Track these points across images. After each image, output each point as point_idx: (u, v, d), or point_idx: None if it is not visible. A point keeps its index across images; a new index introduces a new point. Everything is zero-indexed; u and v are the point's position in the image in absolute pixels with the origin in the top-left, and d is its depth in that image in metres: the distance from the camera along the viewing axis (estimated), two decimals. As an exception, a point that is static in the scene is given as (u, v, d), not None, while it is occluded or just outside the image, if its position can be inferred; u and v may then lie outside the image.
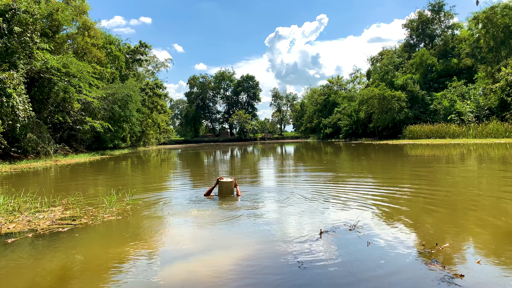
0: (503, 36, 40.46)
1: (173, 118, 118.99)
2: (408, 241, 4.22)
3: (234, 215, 5.82)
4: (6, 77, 17.13)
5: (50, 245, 4.46)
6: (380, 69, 57.50)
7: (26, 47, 20.64)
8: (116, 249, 4.30)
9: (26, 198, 7.08)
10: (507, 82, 35.33)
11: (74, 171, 16.41)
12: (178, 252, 4.11)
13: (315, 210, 5.98)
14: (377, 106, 48.95)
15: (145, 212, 6.22)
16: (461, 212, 5.68)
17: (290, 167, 16.18)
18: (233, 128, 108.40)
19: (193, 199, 7.40)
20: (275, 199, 7.14)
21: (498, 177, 9.73)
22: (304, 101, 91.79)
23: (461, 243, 4.11)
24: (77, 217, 5.85)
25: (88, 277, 3.49)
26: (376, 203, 6.41)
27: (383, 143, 37.54)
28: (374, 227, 4.78)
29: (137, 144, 52.33)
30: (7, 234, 4.96)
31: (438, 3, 58.36)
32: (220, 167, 17.51)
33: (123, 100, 35.77)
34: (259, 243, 4.30)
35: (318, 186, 8.63)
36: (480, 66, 44.68)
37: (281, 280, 3.20)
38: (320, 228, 4.68)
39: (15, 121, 18.32)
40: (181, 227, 5.37)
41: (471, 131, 35.71)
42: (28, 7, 19.87)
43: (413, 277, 3.14)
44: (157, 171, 16.39)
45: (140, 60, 59.53)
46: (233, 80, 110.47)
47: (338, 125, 65.15)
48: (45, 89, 24.28)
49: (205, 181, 11.00)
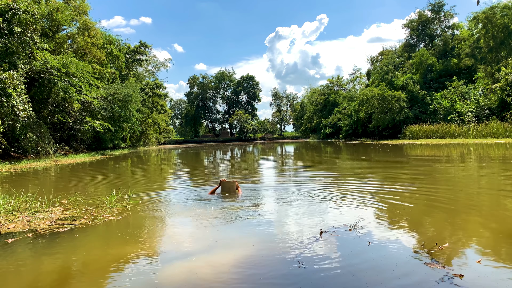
0: (503, 36, 40.47)
1: (173, 118, 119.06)
2: (408, 241, 4.22)
3: (235, 215, 5.82)
4: (6, 77, 17.13)
5: (50, 245, 4.46)
6: (380, 69, 57.53)
7: (26, 47, 20.64)
8: (116, 249, 4.30)
9: (26, 198, 7.07)
10: (507, 82, 35.34)
11: (74, 171, 16.41)
12: (179, 252, 4.12)
13: (315, 209, 5.98)
14: (377, 106, 48.97)
15: (145, 212, 6.23)
16: (461, 212, 5.68)
17: (290, 166, 16.18)
18: (233, 128, 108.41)
19: (193, 199, 7.40)
20: (275, 199, 7.14)
21: (498, 177, 9.74)
22: (304, 101, 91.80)
23: (461, 243, 4.11)
24: (77, 217, 5.85)
25: (88, 277, 3.49)
26: (376, 202, 6.41)
27: (383, 143, 37.55)
28: (374, 227, 4.78)
29: (137, 144, 52.34)
30: (7, 234, 4.96)
31: (438, 3, 58.37)
32: (220, 167, 17.51)
33: (123, 100, 35.78)
34: (260, 243, 4.30)
35: (318, 185, 8.63)
36: (480, 66, 44.69)
37: (282, 279, 3.20)
38: (320, 228, 4.68)
39: (15, 121, 18.32)
40: (181, 227, 5.38)
41: (471, 131, 35.72)
42: (28, 7, 19.87)
43: (413, 277, 3.14)
44: (157, 171, 16.39)
45: (140, 60, 59.55)
46: (233, 80, 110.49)
47: (338, 125, 65.17)
48: (45, 89, 24.28)
49: (205, 181, 11.00)
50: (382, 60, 65.44)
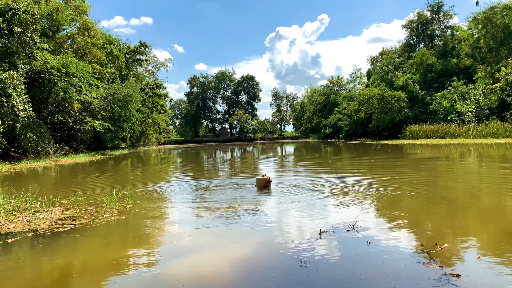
0: (503, 36, 40.47)
1: (173, 118, 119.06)
2: (408, 241, 4.24)
3: (235, 214, 5.84)
4: (6, 77, 17.14)
5: (50, 245, 4.47)
6: (380, 69, 57.52)
7: (26, 47, 20.65)
8: (117, 248, 4.31)
9: (26, 198, 7.09)
10: (507, 82, 35.34)
11: (74, 171, 16.42)
12: (179, 252, 4.13)
13: (315, 209, 5.99)
14: (377, 106, 48.98)
15: (145, 212, 6.24)
16: (460, 212, 5.69)
17: (290, 166, 16.19)
18: (233, 128, 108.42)
19: (193, 199, 7.41)
20: (275, 199, 7.15)
21: (498, 177, 9.74)
22: (304, 101, 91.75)
23: (460, 243, 4.12)
24: (77, 217, 5.86)
25: (89, 277, 3.50)
26: (376, 202, 6.42)
27: (383, 143, 37.55)
28: (373, 227, 4.79)
29: (137, 144, 52.36)
30: (7, 234, 4.98)
31: (437, 4, 58.34)
32: (220, 167, 17.52)
33: (123, 100, 35.80)
34: (260, 243, 4.31)
35: (318, 185, 8.64)
36: (480, 66, 44.65)
37: (283, 279, 3.22)
38: (319, 228, 4.70)
39: (15, 121, 18.33)
40: (182, 226, 5.39)
41: (471, 131, 35.72)
42: (28, 7, 19.88)
43: (412, 277, 3.15)
44: (157, 171, 16.41)
45: (140, 60, 59.57)
46: (233, 80, 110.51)
47: (338, 125, 65.16)
48: (45, 89, 24.28)
49: (205, 181, 11.01)
50: (382, 60, 65.38)
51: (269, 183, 8.45)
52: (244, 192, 8.09)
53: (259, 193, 7.87)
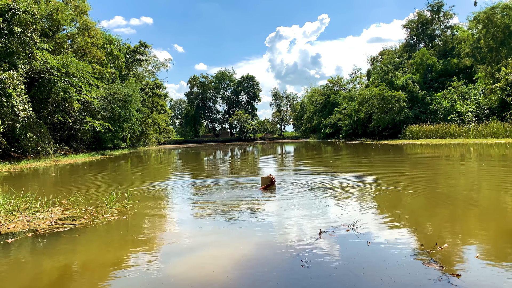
0: (503, 36, 40.47)
1: (173, 118, 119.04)
2: (408, 241, 4.23)
3: (236, 214, 5.83)
4: (6, 77, 17.14)
5: (50, 245, 4.47)
6: (380, 69, 57.51)
7: (26, 47, 20.65)
8: (117, 248, 4.31)
9: (26, 198, 7.08)
10: (507, 82, 35.34)
11: (74, 171, 16.42)
12: (179, 252, 4.13)
13: (315, 209, 5.99)
14: (377, 106, 48.98)
15: (145, 212, 6.24)
16: (460, 212, 5.69)
17: (290, 166, 16.19)
18: (233, 128, 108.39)
19: (193, 198, 7.41)
20: (275, 198, 7.15)
21: (498, 177, 9.74)
22: (304, 101, 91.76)
23: (460, 243, 4.12)
24: (77, 217, 5.86)
25: (89, 277, 3.50)
26: (376, 202, 6.42)
27: (383, 143, 37.55)
28: (373, 227, 4.79)
29: (137, 144, 52.35)
30: (7, 234, 4.97)
31: (437, 4, 58.31)
32: (220, 167, 17.52)
33: (123, 100, 35.79)
34: (261, 242, 4.31)
35: (318, 185, 8.63)
36: (480, 66, 44.65)
37: (285, 278, 3.21)
38: (320, 228, 4.69)
39: (15, 121, 18.33)
40: (181, 226, 5.38)
41: (471, 131, 35.71)
42: (28, 7, 19.87)
43: (412, 277, 3.15)
44: (157, 171, 16.40)
45: (140, 60, 59.54)
46: (233, 80, 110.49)
47: (338, 125, 65.16)
48: (45, 89, 24.28)
49: (205, 181, 11.00)
50: (382, 60, 65.40)
51: (273, 182, 8.45)
52: (244, 191, 8.09)
53: (260, 192, 7.87)
